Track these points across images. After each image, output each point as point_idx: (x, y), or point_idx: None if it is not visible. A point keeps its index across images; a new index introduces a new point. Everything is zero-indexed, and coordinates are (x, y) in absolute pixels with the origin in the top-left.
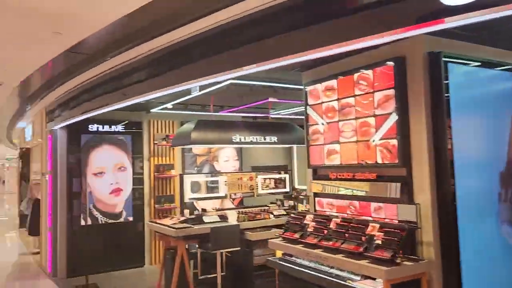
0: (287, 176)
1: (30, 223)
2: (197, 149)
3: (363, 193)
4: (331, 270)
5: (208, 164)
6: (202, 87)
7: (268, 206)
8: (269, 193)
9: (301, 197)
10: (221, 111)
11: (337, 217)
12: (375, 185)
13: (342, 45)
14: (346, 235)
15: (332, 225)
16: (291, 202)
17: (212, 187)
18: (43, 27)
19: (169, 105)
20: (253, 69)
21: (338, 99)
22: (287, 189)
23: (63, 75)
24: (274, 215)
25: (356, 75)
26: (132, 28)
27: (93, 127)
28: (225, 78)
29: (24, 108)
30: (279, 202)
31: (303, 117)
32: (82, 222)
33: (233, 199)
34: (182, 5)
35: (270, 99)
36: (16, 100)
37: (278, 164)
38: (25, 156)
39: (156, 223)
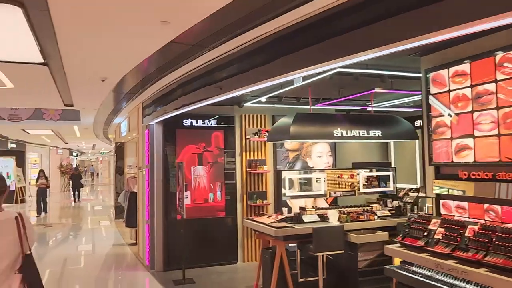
0: (390, 173)
1: (127, 215)
2: (289, 144)
3: (505, 197)
4: (468, 286)
5: (300, 160)
6: (305, 77)
7: (370, 206)
8: (372, 192)
9: (419, 195)
10: (317, 104)
11: (473, 223)
12: None
13: (491, 20)
14: (490, 246)
15: (468, 233)
16: (395, 202)
17: (304, 184)
18: (153, 16)
19: (263, 99)
20: (369, 55)
21: (471, 86)
22: (390, 188)
23: (160, 70)
24: (378, 216)
25: (498, 57)
26: (236, 16)
27: (187, 122)
28: (334, 66)
29: (121, 103)
30: (381, 202)
31: (404, 109)
32: (178, 216)
33: (327, 198)
34: None
35: (376, 89)
36: (115, 96)
37: (372, 160)
38: (120, 150)
39: (254, 221)
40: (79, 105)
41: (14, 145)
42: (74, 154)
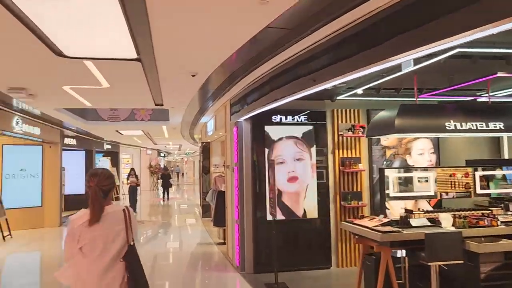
0: None
1: (215, 214)
2: (385, 140)
3: None
4: None
5: (399, 158)
6: (414, 62)
7: (489, 209)
8: (488, 194)
9: None
10: (420, 96)
11: None
12: None
13: None
14: None
15: None
16: None
17: (403, 184)
18: None
19: (359, 90)
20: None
21: None
22: None
23: (252, 62)
24: (501, 222)
25: None
26: None
27: (276, 118)
28: (454, 44)
29: (209, 102)
30: (502, 206)
31: None
32: (268, 217)
33: (430, 200)
34: None
35: (499, 74)
36: (203, 94)
37: (481, 158)
38: (205, 150)
39: (354, 223)
40: (169, 104)
41: (109, 146)
42: (162, 154)
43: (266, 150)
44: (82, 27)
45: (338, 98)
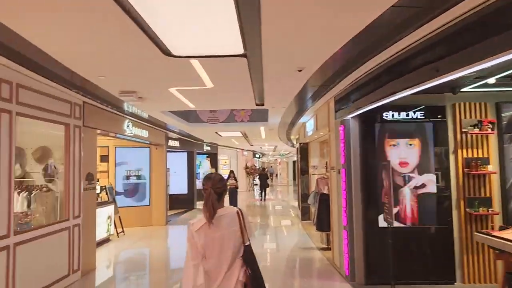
0: None
1: (318, 218)
2: None
3: None
4: None
5: None
6: None
7: None
8: None
9: None
10: None
11: None
12: None
13: None
14: None
15: None
16: None
17: None
18: None
19: (491, 80)
20: None
21: None
22: None
23: (363, 53)
24: None
25: None
26: None
27: (388, 115)
28: None
29: (308, 102)
30: None
31: None
32: (380, 224)
33: None
34: None
35: None
36: (304, 92)
37: None
38: (303, 150)
39: (493, 236)
40: (269, 103)
41: (208, 148)
42: (257, 156)
43: (378, 150)
44: (193, 24)
45: (463, 90)
